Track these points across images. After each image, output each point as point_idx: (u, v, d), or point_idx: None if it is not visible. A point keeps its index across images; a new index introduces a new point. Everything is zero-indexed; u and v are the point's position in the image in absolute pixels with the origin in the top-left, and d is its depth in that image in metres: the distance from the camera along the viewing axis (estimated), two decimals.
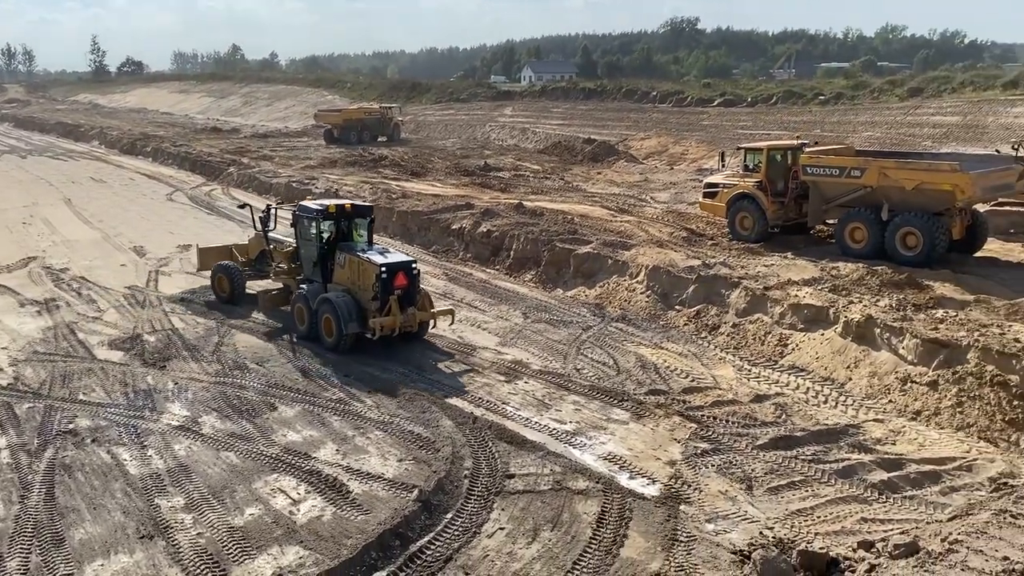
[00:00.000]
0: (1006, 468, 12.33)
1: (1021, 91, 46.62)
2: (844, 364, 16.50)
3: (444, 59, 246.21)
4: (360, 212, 19.02)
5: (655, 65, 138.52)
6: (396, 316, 17.27)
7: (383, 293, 17.25)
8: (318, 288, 18.60)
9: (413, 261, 18.10)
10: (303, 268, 19.56)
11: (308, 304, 18.37)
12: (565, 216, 28.48)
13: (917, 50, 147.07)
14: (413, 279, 17.77)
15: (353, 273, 17.93)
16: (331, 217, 18.46)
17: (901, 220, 21.94)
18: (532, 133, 64.22)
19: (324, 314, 17.86)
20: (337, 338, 17.56)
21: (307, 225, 18.92)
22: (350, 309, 17.45)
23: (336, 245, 18.49)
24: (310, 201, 19.52)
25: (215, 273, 21.77)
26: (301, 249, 19.47)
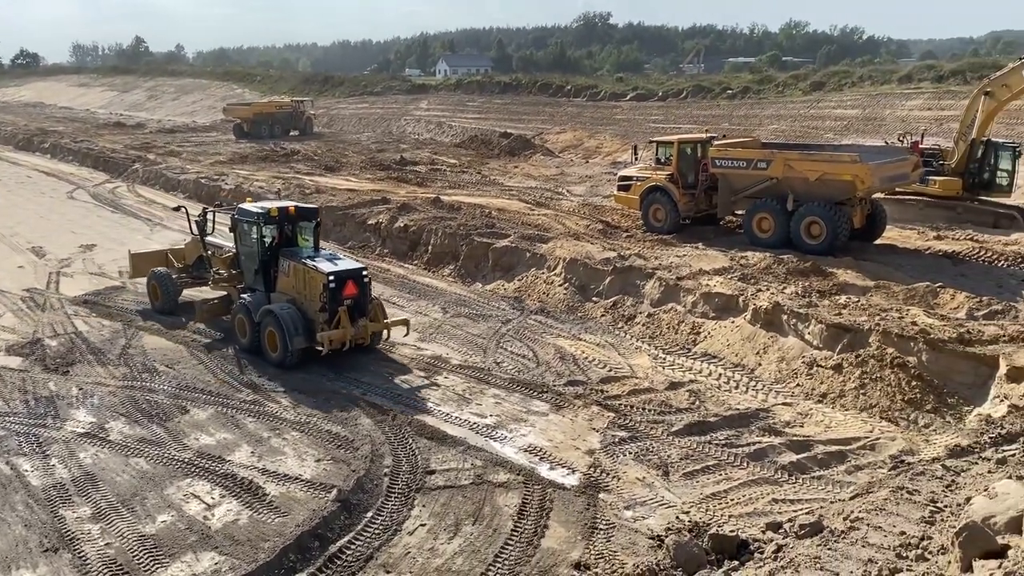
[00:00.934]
0: (906, 446, 12.94)
1: (915, 85, 48.93)
2: (754, 350, 17.02)
3: (357, 52, 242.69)
4: (305, 215, 17.67)
5: (569, 59, 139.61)
6: (346, 328, 16.23)
7: (332, 304, 16.13)
8: (261, 298, 17.35)
9: (363, 268, 16.99)
10: (244, 276, 18.27)
11: (250, 315, 17.04)
12: (483, 210, 28.49)
13: (819, 46, 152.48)
14: (364, 288, 16.66)
15: (298, 282, 16.70)
16: (273, 221, 17.15)
17: (805, 210, 22.73)
18: (448, 127, 63.99)
19: (267, 327, 16.60)
20: (282, 353, 16.29)
21: (247, 230, 17.60)
22: (296, 322, 16.24)
23: (279, 251, 17.27)
24: (250, 203, 18.16)
25: (150, 280, 20.47)
26: (241, 256, 18.20)
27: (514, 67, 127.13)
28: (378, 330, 17.18)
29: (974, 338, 15.04)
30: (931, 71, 50.89)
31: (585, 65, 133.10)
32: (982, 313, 17.05)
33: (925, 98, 45.68)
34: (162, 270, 20.50)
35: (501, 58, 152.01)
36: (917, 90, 47.69)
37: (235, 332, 17.73)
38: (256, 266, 17.57)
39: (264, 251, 17.36)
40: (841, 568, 5.62)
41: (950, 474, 6.63)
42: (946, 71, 49.54)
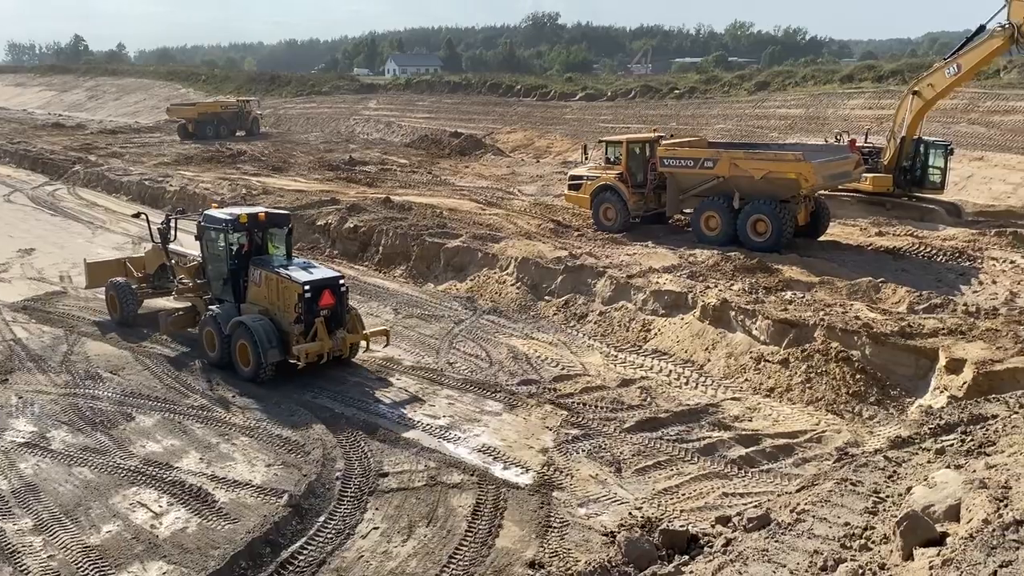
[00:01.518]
0: (851, 438, 13.27)
1: (856, 85, 50.12)
2: (703, 346, 17.26)
3: (305, 51, 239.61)
4: (276, 221, 16.80)
5: (518, 59, 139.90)
6: (324, 341, 15.43)
7: (308, 315, 15.33)
8: (230, 309, 16.44)
9: (340, 277, 16.20)
10: (211, 286, 17.32)
11: (219, 328, 16.12)
12: (434, 210, 28.39)
13: (764, 46, 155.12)
14: (341, 297, 15.86)
15: (271, 292, 15.84)
16: (242, 228, 16.21)
17: (751, 208, 23.14)
18: (398, 127, 63.63)
19: (239, 340, 15.72)
20: (255, 367, 15.43)
21: (214, 237, 16.69)
22: (269, 334, 15.37)
23: (249, 260, 16.39)
24: (217, 210, 17.22)
25: (108, 291, 19.43)
26: (208, 265, 17.23)
27: (464, 67, 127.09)
28: (357, 341, 16.44)
29: (915, 331, 15.46)
30: (871, 71, 52.21)
31: (534, 65, 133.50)
32: (922, 307, 17.54)
33: (866, 97, 46.80)
34: (121, 280, 19.43)
35: (450, 57, 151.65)
36: (858, 90, 48.85)
37: (202, 346, 16.77)
38: (224, 276, 16.67)
39: (233, 260, 16.43)
40: (788, 560, 5.74)
41: (892, 465, 6.81)
42: (885, 71, 50.87)
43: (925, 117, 28.77)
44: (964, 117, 40.01)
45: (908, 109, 27.06)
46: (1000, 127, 38.31)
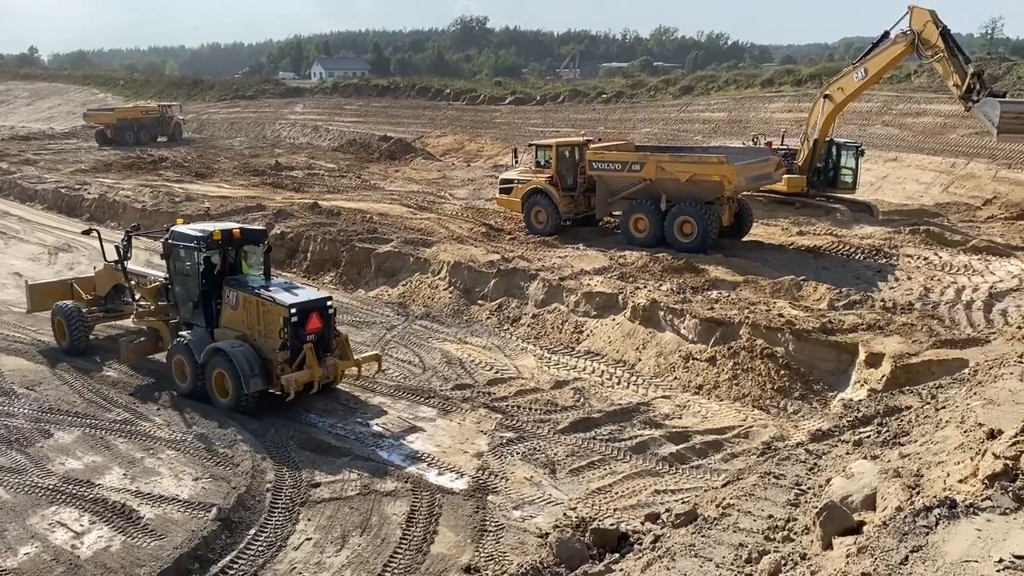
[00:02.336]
0: (777, 432, 13.63)
1: (776, 88, 51.59)
2: (634, 346, 17.51)
3: (228, 55, 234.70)
4: (251, 238, 15.60)
5: (447, 63, 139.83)
6: (314, 368, 14.25)
7: (294, 340, 14.19)
8: (203, 335, 15.13)
9: (328, 298, 15.09)
10: (178, 309, 15.98)
11: (191, 356, 14.82)
12: (364, 215, 28.12)
13: (688, 51, 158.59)
14: (328, 320, 14.78)
15: (250, 316, 14.58)
16: (216, 246, 14.94)
17: (678, 210, 23.60)
18: (325, 131, 62.86)
19: (215, 369, 14.50)
20: (236, 398, 14.26)
21: (184, 256, 15.34)
22: (251, 362, 14.17)
23: (223, 280, 15.10)
24: (185, 226, 15.93)
25: (54, 316, 17.81)
26: (175, 286, 15.86)
27: (392, 70, 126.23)
28: (347, 368, 15.20)
29: (835, 327, 15.97)
30: (790, 75, 53.82)
31: (464, 69, 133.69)
32: (842, 303, 18.13)
33: (786, 101, 48.20)
34: (68, 304, 17.83)
35: (378, 61, 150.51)
36: (778, 93, 50.29)
37: (172, 375, 15.43)
38: (195, 298, 15.36)
39: (205, 280, 15.10)
40: (714, 554, 5.87)
41: (812, 457, 7.04)
42: (804, 75, 52.51)
43: (838, 119, 29.77)
44: (878, 119, 41.57)
45: (820, 112, 27.95)
46: (912, 129, 39.93)
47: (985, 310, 18.42)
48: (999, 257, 22.13)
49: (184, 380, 15.18)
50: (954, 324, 17.45)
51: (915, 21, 25.20)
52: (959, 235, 24.45)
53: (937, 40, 24.87)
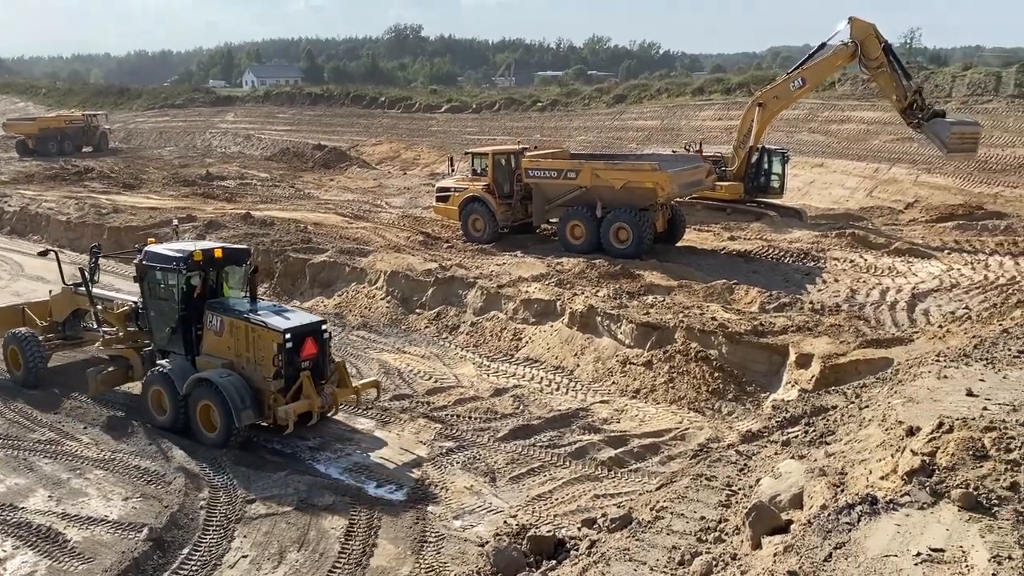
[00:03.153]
0: (712, 434, 13.87)
1: (707, 97, 52.69)
2: (572, 352, 17.64)
3: (156, 63, 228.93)
4: (234, 258, 14.56)
5: (382, 71, 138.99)
6: (312, 398, 13.32)
7: (289, 368, 13.25)
8: (184, 364, 14.03)
9: (323, 322, 14.22)
10: (153, 336, 14.82)
11: (172, 387, 13.70)
12: (298, 225, 27.75)
13: (621, 60, 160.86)
14: (324, 345, 13.81)
15: (238, 342, 13.52)
16: (197, 267, 13.85)
17: (613, 216, 23.92)
18: (258, 139, 61.88)
19: (200, 401, 13.42)
20: (225, 432, 13.17)
21: (160, 278, 14.26)
22: (242, 393, 13.09)
23: (204, 303, 14.04)
24: (160, 245, 14.87)
25: (7, 345, 16.39)
26: (150, 310, 14.67)
27: (325, 78, 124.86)
28: (346, 396, 14.30)
29: (767, 330, 16.36)
30: (720, 84, 55.03)
31: (398, 77, 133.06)
32: (773, 306, 18.59)
33: (716, 109, 49.26)
34: (23, 331, 16.34)
35: (311, 69, 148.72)
36: (709, 102, 51.37)
37: (148, 408, 14.26)
38: (173, 323, 14.23)
39: (185, 304, 14.02)
40: (648, 557, 5.95)
41: (743, 459, 7.19)
42: (733, 84, 53.75)
43: (769, 126, 30.57)
44: (805, 126, 42.79)
45: (755, 119, 28.59)
46: (837, 135, 41.22)
47: (908, 310, 19.10)
48: (920, 259, 22.97)
49: (163, 413, 14.03)
50: (879, 324, 18.04)
51: (856, 32, 25.91)
52: (883, 238, 25.29)
53: (880, 54, 25.76)
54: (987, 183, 33.79)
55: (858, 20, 25.99)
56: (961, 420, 5.06)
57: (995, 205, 29.72)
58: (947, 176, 34.82)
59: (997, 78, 42.09)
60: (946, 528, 4.38)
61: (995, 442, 4.81)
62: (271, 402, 13.28)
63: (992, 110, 38.95)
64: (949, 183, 34.26)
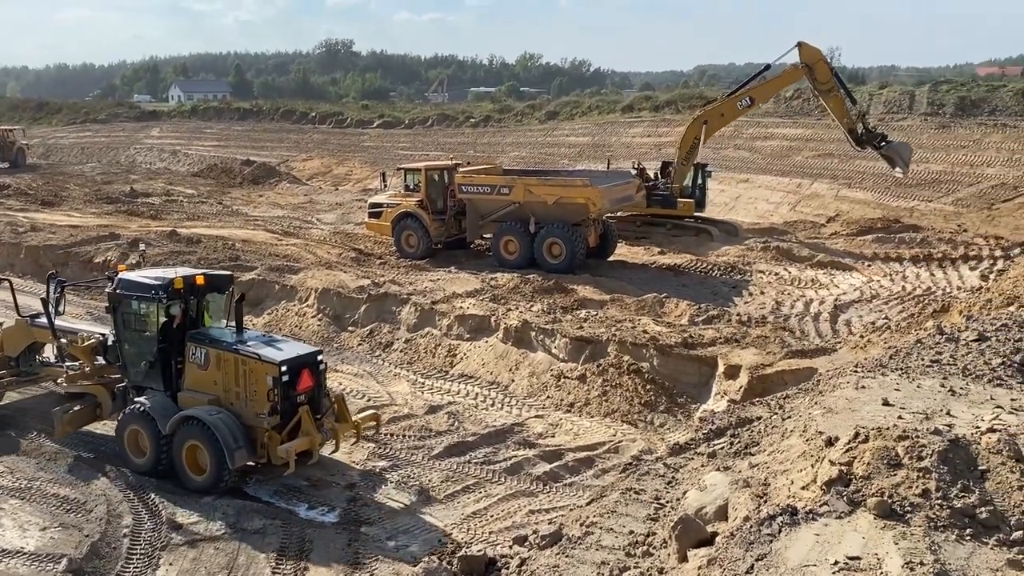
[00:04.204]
0: (645, 446, 14.04)
1: (636, 114, 53.66)
2: (507, 367, 17.66)
3: (77, 76, 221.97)
4: (215, 285, 13.62)
5: (312, 86, 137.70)
6: (312, 434, 12.44)
7: (285, 403, 12.39)
8: (165, 401, 12.99)
9: (318, 352, 13.42)
10: (127, 370, 13.68)
11: (153, 426, 12.61)
12: (225, 242, 27.18)
13: (552, 77, 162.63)
14: (320, 377, 13.02)
15: (226, 376, 12.56)
16: (178, 295, 12.86)
17: (546, 232, 24.13)
18: (184, 155, 60.54)
19: (186, 441, 12.37)
20: (216, 475, 12.20)
21: (136, 308, 13.18)
22: (234, 431, 12.13)
23: (184, 335, 13.04)
24: (133, 272, 13.91)
25: None
26: (123, 343, 13.53)
27: (255, 93, 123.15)
28: (347, 431, 13.33)
29: (696, 342, 16.68)
30: (649, 101, 56.11)
31: (330, 92, 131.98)
32: (702, 319, 18.96)
33: (645, 126, 50.19)
34: None
35: (240, 84, 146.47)
36: (638, 119, 52.31)
37: (123, 450, 13.13)
38: (150, 357, 13.20)
39: (164, 336, 13.04)
40: (577, 574, 5.98)
41: (671, 471, 7.31)
42: (661, 101, 54.87)
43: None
44: (731, 143, 43.88)
45: (701, 136, 29.06)
46: (762, 152, 42.43)
47: (831, 321, 19.71)
48: (842, 271, 23.76)
49: (141, 455, 12.93)
50: (804, 335, 18.56)
51: (806, 56, 26.93)
52: (806, 251, 26.07)
53: (830, 77, 26.94)
54: (904, 197, 35.20)
55: (807, 45, 27.00)
56: (876, 430, 5.23)
57: (911, 219, 30.94)
58: (866, 191, 36.14)
59: (911, 97, 43.96)
60: (862, 536, 4.53)
61: (908, 450, 4.99)
62: (265, 440, 12.34)
63: (907, 127, 40.61)
64: (868, 197, 35.56)
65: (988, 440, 5.01)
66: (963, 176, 35.95)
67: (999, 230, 27.86)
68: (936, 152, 38.12)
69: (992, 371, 6.77)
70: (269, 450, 12.34)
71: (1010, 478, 4.73)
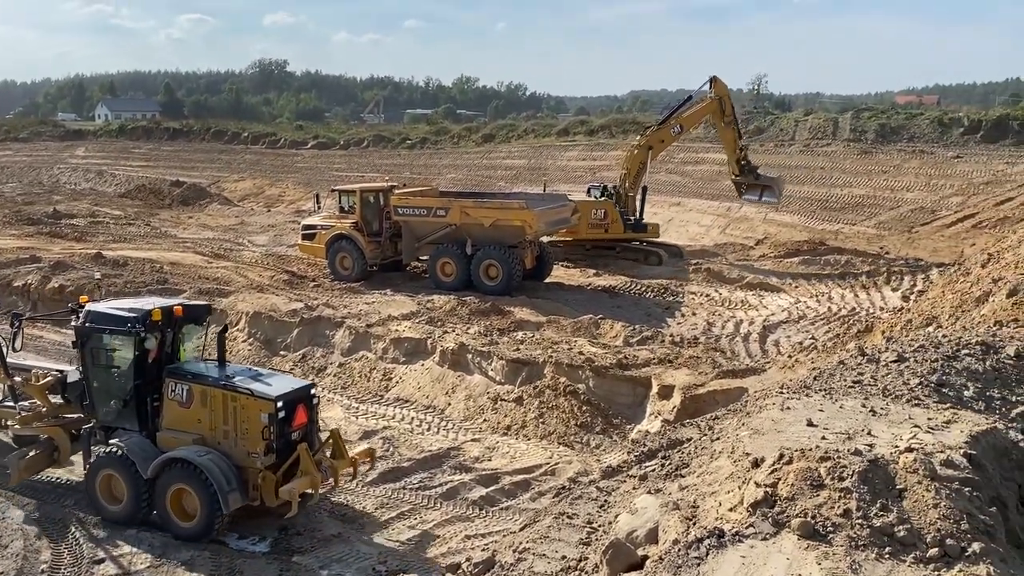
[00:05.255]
0: (581, 467, 14.10)
1: (571, 138, 54.35)
2: (443, 391, 17.57)
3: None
4: (193, 316, 12.90)
5: (245, 106, 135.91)
6: (313, 473, 11.82)
7: (282, 441, 11.73)
8: (143, 443, 12.09)
9: (311, 385, 12.98)
10: (95, 410, 12.66)
11: (131, 470, 11.73)
12: (153, 265, 26.49)
13: (489, 100, 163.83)
14: (313, 412, 12.45)
15: (213, 413, 11.83)
16: (156, 328, 12.10)
17: (483, 254, 24.18)
18: (111, 176, 59.00)
19: (173, 485, 11.55)
20: (207, 520, 11.40)
21: (108, 343, 12.43)
22: (227, 473, 11.43)
23: (160, 370, 12.31)
24: (102, 304, 12.93)
25: None
26: (92, 381, 12.62)
27: (185, 113, 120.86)
28: (345, 468, 12.73)
29: (631, 362, 16.88)
30: (584, 126, 56.94)
31: (263, 112, 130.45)
32: (636, 339, 19.20)
33: (580, 149, 50.86)
34: None
35: (170, 103, 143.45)
36: (573, 143, 52.99)
37: (95, 497, 12.18)
38: (125, 395, 12.34)
39: (139, 372, 12.20)
40: None
41: (603, 495, 7.36)
42: (596, 125, 55.74)
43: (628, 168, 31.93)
44: (663, 167, 44.70)
45: (647, 161, 30.30)
46: (692, 176, 43.38)
47: (760, 341, 20.16)
48: (770, 292, 24.35)
49: (116, 502, 12.01)
50: (734, 355, 18.94)
51: (718, 90, 29.37)
52: (736, 272, 26.66)
53: (733, 111, 29.70)
54: (828, 220, 36.39)
55: (719, 81, 29.34)
56: (800, 451, 5.37)
57: (836, 241, 31.92)
58: (792, 214, 37.24)
59: (835, 123, 45.60)
60: (787, 558, 4.63)
61: (830, 471, 5.13)
62: (258, 481, 11.71)
63: (831, 152, 42.11)
64: (795, 220, 36.63)
65: (905, 459, 5.19)
66: (884, 200, 37.37)
67: (918, 252, 28.97)
68: (858, 177, 39.56)
69: (910, 391, 7.02)
70: (263, 491, 11.70)
71: (926, 496, 4.90)
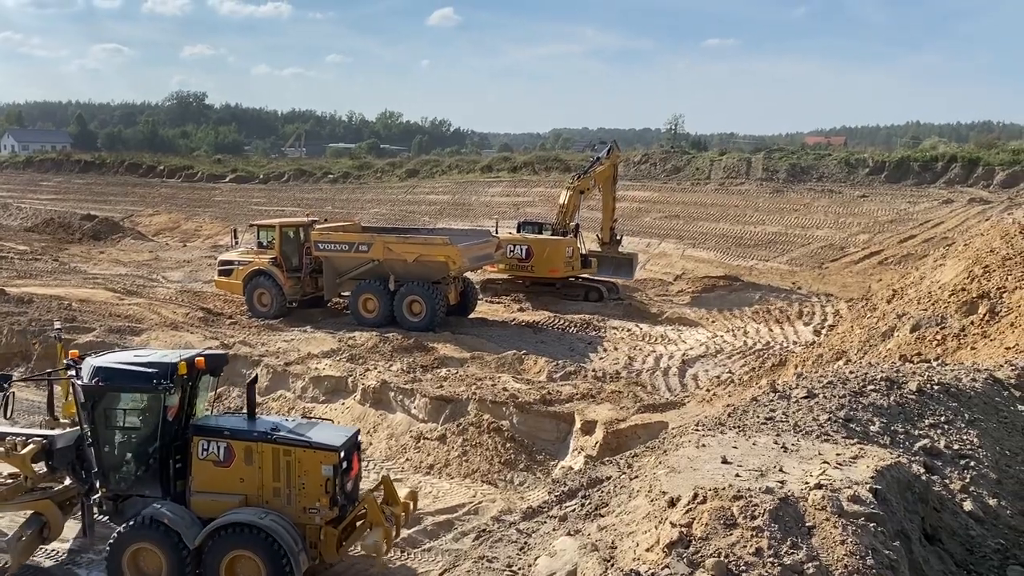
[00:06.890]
0: (505, 506, 13.99)
1: (495, 174, 54.89)
2: (365, 430, 17.25)
3: None
4: (213, 366, 11.85)
5: (162, 138, 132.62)
6: (383, 525, 11.31)
7: (343, 495, 11.14)
8: (179, 509, 10.95)
9: (358, 431, 12.34)
10: (106, 477, 11.38)
11: (172, 541, 10.60)
12: (61, 302, 25.39)
13: (413, 135, 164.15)
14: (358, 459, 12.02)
15: (261, 471, 10.97)
16: (182, 383, 11.08)
17: (406, 289, 24.05)
18: (17, 209, 56.53)
19: (228, 553, 10.51)
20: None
21: (127, 401, 11.23)
22: (293, 534, 10.62)
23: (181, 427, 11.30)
24: (106, 358, 11.58)
25: None
26: (103, 445, 11.28)
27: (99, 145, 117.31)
28: (400, 514, 12.21)
29: (554, 398, 16.94)
30: (507, 162, 57.66)
31: (180, 145, 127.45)
32: (559, 375, 19.31)
33: (504, 186, 51.39)
34: None
35: (82, 134, 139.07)
36: (497, 179, 53.53)
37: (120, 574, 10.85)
38: (147, 459, 11.23)
39: (165, 431, 11.13)
40: None
41: (523, 536, 7.33)
42: (519, 162, 56.54)
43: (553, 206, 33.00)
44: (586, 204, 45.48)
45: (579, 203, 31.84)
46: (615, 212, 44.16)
47: (680, 375, 20.56)
48: (689, 327, 24.91)
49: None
50: (655, 389, 19.25)
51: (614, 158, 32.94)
52: (656, 308, 27.20)
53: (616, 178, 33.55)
54: (743, 257, 37.56)
55: (616, 150, 33.49)
56: (713, 490, 5.47)
57: (750, 277, 32.95)
58: (709, 250, 38.34)
59: (748, 163, 47.31)
60: None
61: (742, 510, 5.24)
62: (319, 538, 10.97)
63: (745, 191, 43.60)
64: (711, 256, 37.69)
65: (814, 496, 5.34)
66: (796, 237, 38.83)
67: (829, 287, 30.11)
68: (771, 215, 41.04)
69: (820, 427, 7.25)
70: (322, 549, 11.06)
71: (833, 533, 5.04)
